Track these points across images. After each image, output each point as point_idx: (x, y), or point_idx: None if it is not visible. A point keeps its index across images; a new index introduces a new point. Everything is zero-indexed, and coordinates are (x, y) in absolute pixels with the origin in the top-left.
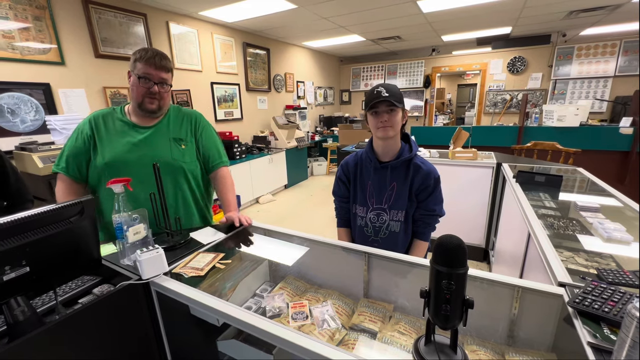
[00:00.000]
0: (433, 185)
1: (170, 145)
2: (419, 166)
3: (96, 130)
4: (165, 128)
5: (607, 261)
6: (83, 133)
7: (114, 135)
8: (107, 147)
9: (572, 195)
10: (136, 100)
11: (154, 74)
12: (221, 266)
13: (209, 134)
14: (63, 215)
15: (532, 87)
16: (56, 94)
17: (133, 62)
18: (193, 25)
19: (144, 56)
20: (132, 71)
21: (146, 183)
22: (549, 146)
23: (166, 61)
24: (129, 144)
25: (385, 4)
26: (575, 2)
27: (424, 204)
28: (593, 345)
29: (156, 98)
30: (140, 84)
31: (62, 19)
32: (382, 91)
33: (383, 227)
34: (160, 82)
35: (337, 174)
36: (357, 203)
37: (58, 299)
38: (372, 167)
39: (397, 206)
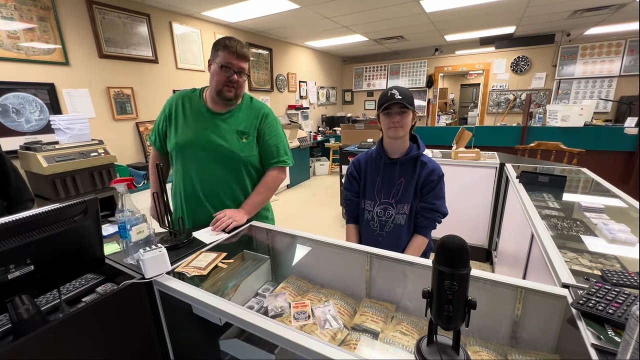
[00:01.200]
0: (436, 181)
1: (234, 137)
2: (425, 163)
3: (175, 111)
4: (235, 119)
5: (611, 262)
6: (165, 112)
7: (191, 117)
8: (181, 129)
9: (576, 196)
10: (215, 88)
11: (235, 63)
12: (223, 266)
13: (273, 132)
14: (67, 215)
15: (535, 87)
16: (60, 94)
17: (215, 51)
18: (196, 26)
19: (228, 45)
20: (213, 60)
21: (206, 168)
22: (552, 146)
23: (246, 50)
24: (199, 129)
25: (388, 4)
26: (579, 2)
27: (425, 198)
28: (597, 347)
29: (234, 86)
30: (222, 72)
31: (67, 19)
32: (396, 94)
33: (389, 221)
34: (239, 71)
35: (348, 171)
36: (366, 198)
37: (62, 297)
38: (382, 164)
39: (404, 200)
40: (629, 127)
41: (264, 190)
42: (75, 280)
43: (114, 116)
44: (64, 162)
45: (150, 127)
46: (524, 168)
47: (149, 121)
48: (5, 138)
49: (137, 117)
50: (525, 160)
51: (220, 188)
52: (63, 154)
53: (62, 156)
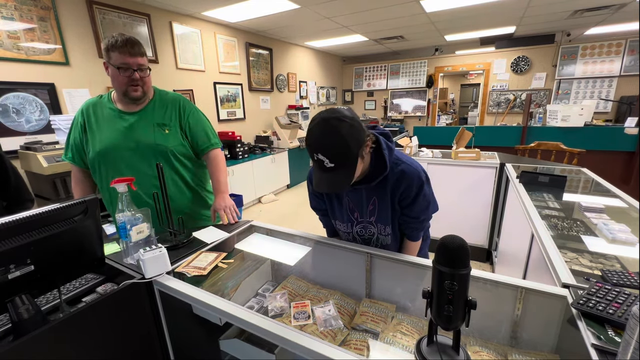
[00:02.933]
0: (415, 192)
1: (154, 130)
2: (399, 174)
3: (87, 119)
4: (150, 113)
5: (611, 262)
6: (78, 123)
7: (103, 124)
8: (97, 136)
9: (577, 196)
10: (120, 90)
11: (131, 62)
12: (224, 266)
13: (196, 118)
14: (67, 215)
15: (535, 87)
16: (60, 94)
17: (106, 52)
18: (196, 26)
19: (116, 45)
20: (107, 62)
21: (135, 169)
22: (552, 146)
23: (139, 46)
24: (116, 131)
25: (388, 4)
26: (580, 2)
27: (407, 211)
28: (597, 347)
29: (139, 84)
30: (120, 74)
31: (67, 19)
32: (324, 161)
33: (373, 239)
34: (139, 68)
35: (309, 188)
36: (337, 219)
37: (62, 297)
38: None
39: (383, 220)
40: (629, 127)
41: (222, 169)
42: (75, 280)
43: None
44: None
45: None
46: (524, 168)
47: None
48: (5, 138)
49: None
50: (526, 160)
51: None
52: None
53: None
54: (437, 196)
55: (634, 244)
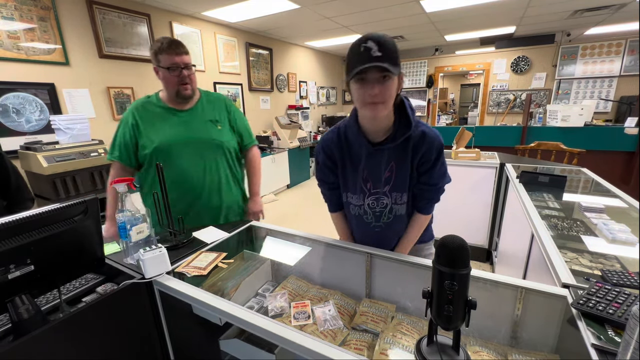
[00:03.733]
0: (435, 156)
1: (208, 126)
2: (420, 136)
3: (140, 119)
4: (201, 111)
5: (611, 262)
6: (128, 124)
7: (157, 122)
8: (154, 133)
9: (577, 196)
10: (172, 90)
11: (179, 60)
12: (224, 266)
13: (239, 115)
14: (67, 215)
15: (535, 86)
16: (60, 94)
17: (155, 56)
18: (196, 26)
19: (163, 48)
20: (157, 66)
21: (194, 162)
22: (552, 146)
23: (183, 46)
24: (172, 128)
25: (388, 4)
26: (580, 2)
27: (426, 177)
28: (597, 347)
29: (188, 82)
30: (171, 74)
31: (67, 19)
32: (373, 49)
33: (385, 212)
34: (186, 66)
35: (319, 159)
36: (350, 191)
37: (62, 297)
38: (364, 152)
39: (400, 188)
40: (629, 127)
41: (260, 167)
42: (75, 280)
43: (114, 116)
44: (64, 162)
45: None
46: (524, 168)
47: None
48: (5, 138)
49: None
50: (526, 160)
51: (213, 178)
52: (63, 154)
53: (62, 156)
54: None
55: (634, 244)
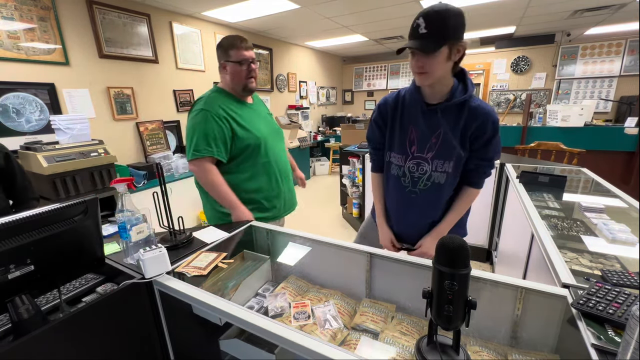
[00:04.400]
0: (492, 131)
1: (271, 118)
2: (474, 108)
3: (231, 112)
4: (257, 105)
5: (611, 262)
6: (221, 118)
7: (245, 114)
8: (249, 124)
9: (577, 196)
10: (242, 84)
11: (248, 55)
12: (224, 266)
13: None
14: (67, 215)
15: (535, 86)
16: (60, 94)
17: (225, 53)
18: (196, 26)
19: (235, 43)
20: (227, 61)
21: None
22: (552, 146)
23: (248, 41)
24: (259, 119)
25: (388, 4)
26: (579, 2)
27: (481, 153)
28: (597, 347)
29: (253, 76)
30: (243, 68)
31: (67, 19)
32: (421, 25)
33: (423, 178)
34: (253, 61)
35: (372, 116)
36: (394, 150)
37: (62, 297)
38: (418, 111)
39: (444, 156)
40: (629, 127)
41: None
42: (75, 280)
43: (114, 116)
44: (64, 162)
45: (150, 127)
46: (524, 168)
47: (149, 121)
48: (5, 138)
49: (137, 117)
50: (526, 160)
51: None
52: (63, 154)
53: (62, 156)
54: None
55: (634, 244)
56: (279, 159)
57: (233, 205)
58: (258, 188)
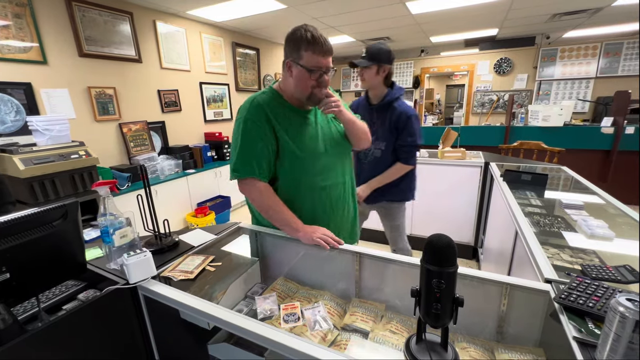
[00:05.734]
0: (404, 122)
1: (335, 125)
2: (395, 108)
3: (276, 123)
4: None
5: (590, 257)
6: (266, 132)
7: (293, 125)
8: (295, 139)
9: (557, 193)
10: (304, 93)
11: (324, 63)
12: (211, 269)
13: None
14: (45, 219)
15: (517, 87)
16: (38, 94)
17: (296, 50)
18: (181, 24)
19: (313, 42)
20: (294, 60)
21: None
22: (534, 145)
23: (330, 44)
24: (310, 132)
25: (375, 5)
26: (558, 5)
27: (401, 138)
28: (578, 340)
29: (323, 86)
30: (311, 77)
31: (44, 16)
32: (363, 52)
33: (369, 154)
34: (328, 70)
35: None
36: None
37: (40, 305)
38: (366, 109)
39: (380, 138)
40: (605, 127)
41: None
42: (55, 287)
43: (96, 117)
44: (43, 164)
45: (134, 127)
46: (507, 167)
47: (133, 122)
48: None
49: (120, 117)
50: (509, 159)
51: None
52: (41, 156)
53: (40, 158)
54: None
55: (611, 239)
56: (335, 182)
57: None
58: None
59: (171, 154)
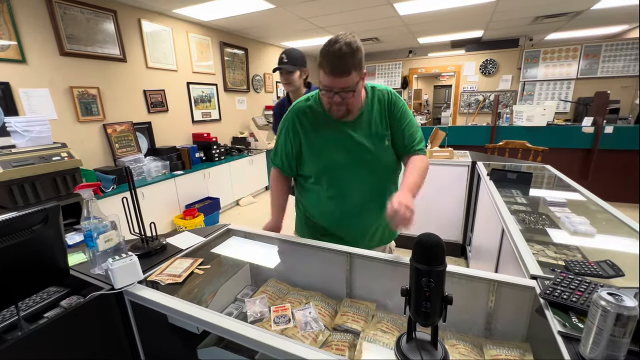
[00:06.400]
0: None
1: (376, 143)
2: None
3: (302, 130)
4: (367, 121)
5: (573, 253)
6: (290, 135)
7: (321, 134)
8: (318, 150)
9: (542, 191)
10: (326, 108)
11: (334, 85)
12: (200, 272)
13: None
14: (24, 224)
15: (502, 88)
16: (17, 94)
17: (318, 65)
18: (167, 24)
19: (324, 60)
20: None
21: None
22: (519, 145)
23: (346, 63)
24: (336, 145)
25: (363, 6)
26: (540, 9)
27: None
28: (563, 334)
29: (342, 105)
30: (324, 95)
31: (22, 14)
32: (283, 57)
33: None
34: (340, 91)
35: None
36: None
37: (20, 313)
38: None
39: None
40: (586, 127)
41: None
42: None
43: (79, 118)
44: (22, 167)
45: (119, 128)
46: (494, 166)
47: (118, 123)
48: None
49: (104, 118)
50: (495, 159)
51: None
52: (20, 158)
53: (19, 161)
54: None
55: (593, 235)
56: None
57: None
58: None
59: (158, 155)
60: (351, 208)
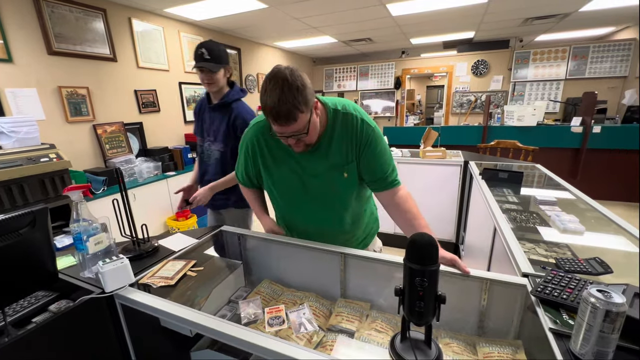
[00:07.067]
0: (241, 126)
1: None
2: (234, 109)
3: (261, 157)
4: (325, 150)
5: (564, 250)
6: (249, 156)
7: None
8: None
9: (532, 190)
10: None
11: (284, 131)
12: (193, 274)
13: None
14: (10, 227)
15: (494, 88)
16: (3, 94)
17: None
18: (158, 23)
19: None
20: None
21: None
22: (510, 144)
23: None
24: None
25: (356, 6)
26: (530, 10)
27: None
28: (554, 331)
29: (299, 143)
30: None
31: (8, 12)
32: (204, 53)
33: (212, 155)
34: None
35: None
36: (198, 134)
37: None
38: (207, 108)
39: (218, 139)
40: (575, 126)
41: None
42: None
43: (68, 118)
44: (9, 168)
45: (110, 129)
46: (485, 165)
47: (108, 123)
48: None
49: (94, 118)
50: (487, 158)
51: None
52: (7, 159)
53: (6, 162)
54: None
55: (582, 233)
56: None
57: (258, 216)
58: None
59: (150, 156)
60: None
